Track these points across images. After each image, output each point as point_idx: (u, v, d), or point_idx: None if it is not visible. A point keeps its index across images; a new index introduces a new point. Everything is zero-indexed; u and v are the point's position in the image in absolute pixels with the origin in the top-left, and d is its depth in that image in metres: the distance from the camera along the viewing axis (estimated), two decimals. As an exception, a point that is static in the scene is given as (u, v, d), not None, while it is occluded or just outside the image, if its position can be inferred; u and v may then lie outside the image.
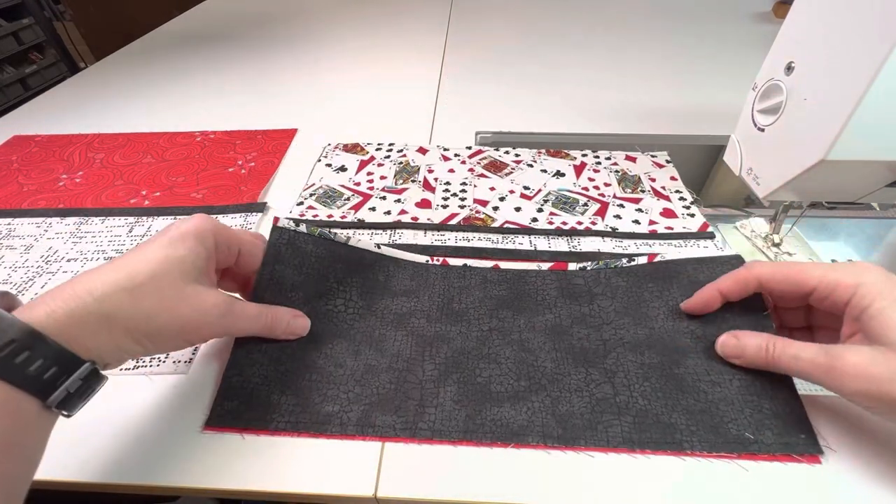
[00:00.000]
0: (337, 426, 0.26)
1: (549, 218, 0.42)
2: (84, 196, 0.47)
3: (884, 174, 0.30)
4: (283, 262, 0.30)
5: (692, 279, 0.32)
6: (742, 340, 0.27)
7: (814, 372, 0.24)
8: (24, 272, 0.38)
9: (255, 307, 0.28)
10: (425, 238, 0.40)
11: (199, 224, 0.26)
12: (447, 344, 0.30)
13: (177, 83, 0.72)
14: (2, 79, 2.15)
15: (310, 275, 0.31)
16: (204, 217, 0.26)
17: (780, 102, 0.31)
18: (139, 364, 0.30)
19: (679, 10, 0.91)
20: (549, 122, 0.57)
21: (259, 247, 0.30)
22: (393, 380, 0.28)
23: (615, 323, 0.31)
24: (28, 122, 0.62)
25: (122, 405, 0.28)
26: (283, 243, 0.31)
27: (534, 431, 0.26)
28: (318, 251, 0.32)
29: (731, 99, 0.42)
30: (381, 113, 0.61)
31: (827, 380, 0.23)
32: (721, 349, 0.28)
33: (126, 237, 0.41)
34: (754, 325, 0.29)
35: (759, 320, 0.29)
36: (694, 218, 0.41)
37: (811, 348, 0.24)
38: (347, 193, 0.45)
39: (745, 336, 0.27)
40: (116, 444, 0.26)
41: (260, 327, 0.28)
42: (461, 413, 0.27)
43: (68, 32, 2.28)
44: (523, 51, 0.78)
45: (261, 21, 0.97)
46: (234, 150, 0.53)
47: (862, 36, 0.25)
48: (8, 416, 0.19)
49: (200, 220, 0.26)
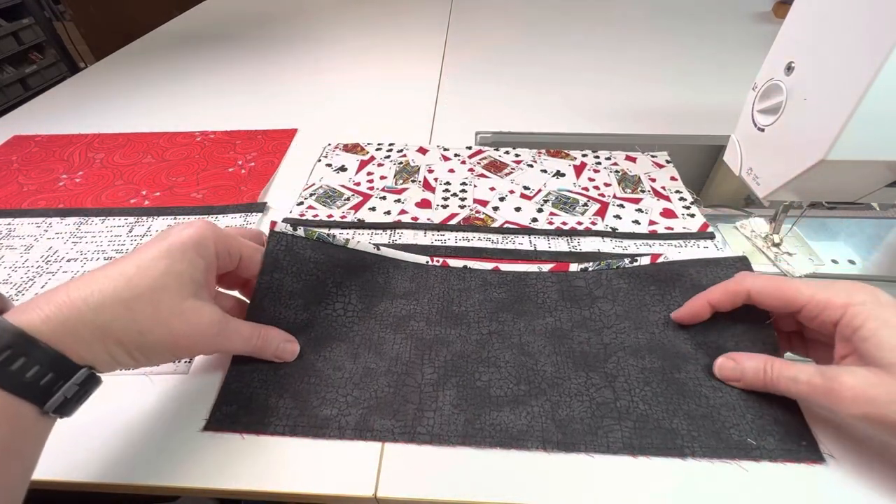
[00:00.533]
0: (335, 430, 0.26)
1: (549, 218, 0.42)
2: (84, 196, 0.47)
3: (884, 174, 0.30)
4: (281, 269, 0.30)
5: (695, 282, 0.32)
6: (740, 363, 0.27)
7: (812, 394, 0.24)
8: (24, 272, 0.38)
9: (248, 328, 0.28)
10: (425, 238, 0.40)
11: (200, 232, 0.25)
12: (446, 347, 0.30)
13: (177, 83, 0.72)
14: (2, 79, 2.15)
15: (308, 281, 0.31)
16: (205, 224, 0.26)
17: (780, 102, 0.31)
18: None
19: (679, 10, 0.91)
20: (549, 122, 0.57)
21: (261, 251, 0.30)
22: (392, 383, 0.28)
23: (616, 326, 0.31)
24: (28, 122, 0.62)
25: (122, 406, 0.28)
26: (281, 250, 0.30)
27: (533, 436, 0.26)
28: (317, 256, 0.31)
29: (731, 99, 0.42)
30: (381, 113, 0.61)
31: (827, 402, 0.23)
32: (719, 372, 0.28)
33: (126, 237, 0.41)
34: (756, 334, 0.29)
35: (761, 329, 0.29)
36: (694, 218, 0.41)
37: (808, 370, 0.24)
38: (347, 193, 0.45)
39: (742, 358, 0.27)
40: (117, 444, 0.26)
41: (250, 349, 0.28)
42: (460, 417, 0.27)
43: (68, 32, 2.28)
44: (523, 51, 0.78)
45: (261, 21, 0.97)
46: (234, 150, 0.53)
47: (862, 36, 0.25)
48: (6, 423, 0.19)
49: (202, 228, 0.25)
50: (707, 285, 0.30)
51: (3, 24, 2.13)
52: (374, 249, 0.34)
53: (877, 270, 0.40)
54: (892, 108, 0.25)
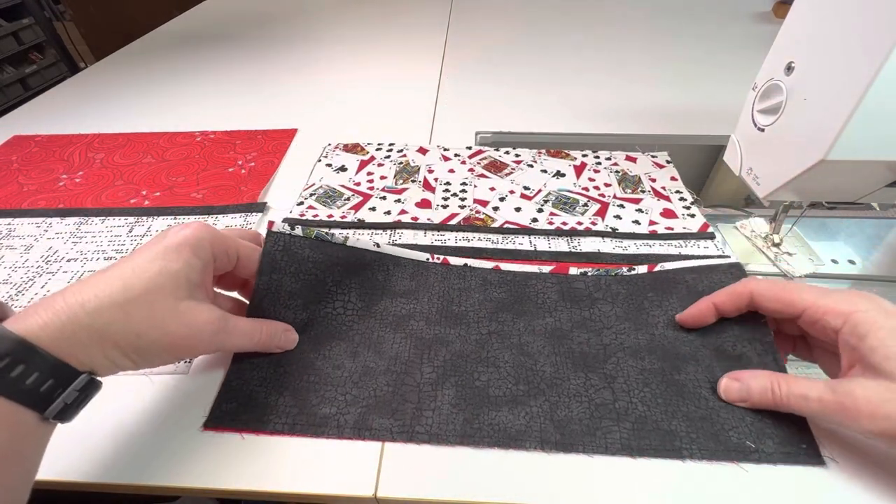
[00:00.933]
0: (334, 429, 0.26)
1: (549, 218, 0.42)
2: (84, 196, 0.47)
3: (884, 174, 0.30)
4: (279, 270, 0.30)
5: (691, 289, 0.32)
6: (745, 383, 0.26)
7: (824, 412, 0.23)
8: (24, 272, 0.38)
9: (248, 323, 0.28)
10: (425, 238, 0.40)
11: (196, 234, 0.25)
12: (446, 347, 0.30)
13: (177, 83, 0.72)
14: (2, 79, 2.15)
15: (307, 281, 0.30)
16: (201, 226, 0.26)
17: (780, 102, 0.31)
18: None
19: (679, 10, 0.91)
20: (548, 122, 0.57)
21: (258, 251, 0.30)
22: (391, 382, 0.28)
23: (616, 328, 0.31)
24: (28, 122, 0.62)
25: (122, 406, 0.28)
26: (279, 250, 0.30)
27: (532, 437, 0.26)
28: (315, 255, 0.31)
29: (731, 99, 0.42)
30: (381, 113, 0.61)
31: (840, 419, 0.23)
32: (725, 395, 0.27)
33: (126, 237, 0.41)
34: (752, 332, 0.29)
35: (756, 328, 0.29)
36: (694, 218, 0.41)
37: (817, 386, 0.24)
38: (347, 193, 0.45)
39: (746, 377, 0.26)
40: (117, 444, 0.26)
41: (253, 344, 0.28)
42: (459, 417, 0.27)
43: (68, 32, 2.28)
44: (523, 51, 0.78)
45: (261, 21, 0.97)
46: (234, 151, 0.53)
47: (862, 36, 0.25)
48: (7, 430, 0.19)
49: (198, 230, 0.25)
50: (704, 291, 0.31)
51: (3, 24, 2.13)
52: (373, 247, 0.34)
53: (877, 270, 0.40)
54: (892, 108, 0.25)
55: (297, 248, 0.30)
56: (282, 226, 0.30)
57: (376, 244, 0.34)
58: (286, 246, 0.30)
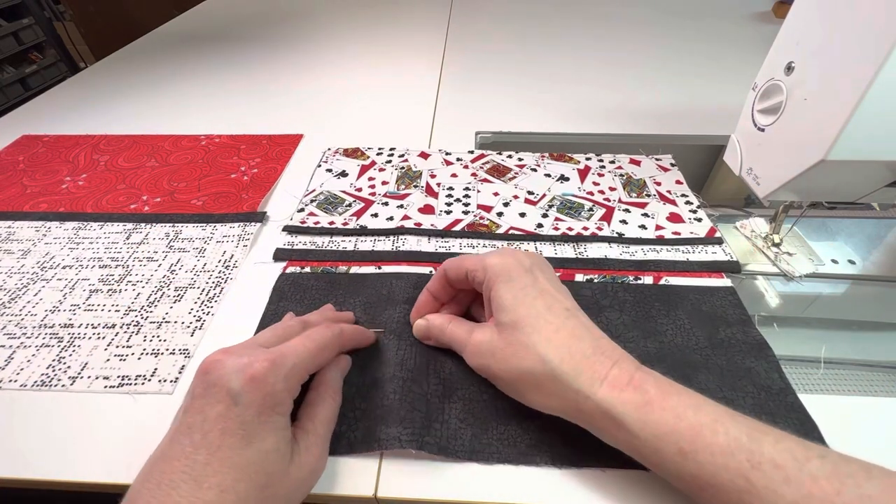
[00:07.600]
0: (345, 447, 0.26)
1: (554, 223, 0.41)
2: (85, 199, 0.47)
3: (884, 174, 0.30)
4: (286, 298, 0.34)
5: (695, 306, 0.33)
6: (430, 321, 0.30)
7: (457, 347, 0.28)
8: (19, 278, 0.37)
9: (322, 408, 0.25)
10: (429, 244, 0.39)
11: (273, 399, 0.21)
12: (451, 358, 0.30)
13: (180, 84, 0.71)
14: (2, 79, 2.15)
15: (312, 305, 0.33)
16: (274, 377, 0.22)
17: (780, 102, 0.31)
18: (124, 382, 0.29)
19: (679, 10, 0.91)
20: (549, 123, 0.57)
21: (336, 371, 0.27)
22: (397, 389, 0.27)
23: (624, 336, 0.31)
24: (33, 121, 0.62)
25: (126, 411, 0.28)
26: (288, 284, 0.35)
27: (542, 451, 0.25)
28: (319, 284, 0.35)
29: (731, 99, 0.42)
30: (381, 114, 0.61)
31: (462, 356, 0.28)
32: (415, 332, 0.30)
33: (123, 244, 0.40)
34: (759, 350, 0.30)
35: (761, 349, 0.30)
36: (701, 223, 0.41)
37: (464, 326, 0.28)
38: (349, 199, 0.45)
39: (433, 317, 0.30)
40: (117, 444, 0.26)
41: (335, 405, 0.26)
42: (467, 432, 0.26)
43: (68, 32, 2.28)
44: (523, 51, 0.78)
45: (261, 21, 0.97)
46: (238, 156, 0.53)
47: (862, 36, 0.25)
48: None
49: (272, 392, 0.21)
50: (707, 312, 0.32)
51: (3, 24, 2.13)
52: (375, 269, 0.36)
53: (877, 270, 0.40)
54: (892, 108, 0.25)
55: (303, 280, 0.36)
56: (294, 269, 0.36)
57: (378, 266, 0.36)
58: (295, 280, 0.36)
